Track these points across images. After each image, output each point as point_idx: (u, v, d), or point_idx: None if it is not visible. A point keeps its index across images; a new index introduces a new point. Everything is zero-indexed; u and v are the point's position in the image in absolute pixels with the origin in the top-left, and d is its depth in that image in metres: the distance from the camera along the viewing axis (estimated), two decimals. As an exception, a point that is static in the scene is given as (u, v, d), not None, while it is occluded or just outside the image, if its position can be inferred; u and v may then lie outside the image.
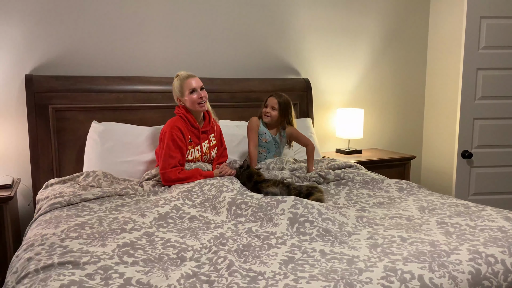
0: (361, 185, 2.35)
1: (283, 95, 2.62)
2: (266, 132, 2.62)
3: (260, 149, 2.63)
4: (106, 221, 1.76)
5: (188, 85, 2.33)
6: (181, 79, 2.36)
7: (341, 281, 1.27)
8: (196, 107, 2.35)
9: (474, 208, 1.94)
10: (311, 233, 1.65)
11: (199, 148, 2.40)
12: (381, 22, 3.62)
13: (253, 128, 2.58)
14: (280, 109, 2.58)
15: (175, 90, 2.39)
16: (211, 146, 2.48)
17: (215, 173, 2.30)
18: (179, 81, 2.36)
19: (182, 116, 2.35)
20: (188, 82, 2.34)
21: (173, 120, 2.34)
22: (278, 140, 2.64)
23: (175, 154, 2.24)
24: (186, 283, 1.30)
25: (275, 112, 2.58)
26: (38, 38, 2.61)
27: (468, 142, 2.87)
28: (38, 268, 1.35)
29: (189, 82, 2.34)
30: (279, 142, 2.66)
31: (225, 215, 1.88)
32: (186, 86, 2.34)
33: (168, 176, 2.21)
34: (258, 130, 2.59)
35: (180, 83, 2.36)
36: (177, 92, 2.38)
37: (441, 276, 1.32)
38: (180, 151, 2.26)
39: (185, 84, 2.34)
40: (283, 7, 3.25)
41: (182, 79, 2.36)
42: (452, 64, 3.56)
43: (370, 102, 3.68)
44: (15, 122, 2.60)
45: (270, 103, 2.59)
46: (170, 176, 2.21)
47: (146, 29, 2.87)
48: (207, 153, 2.45)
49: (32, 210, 2.57)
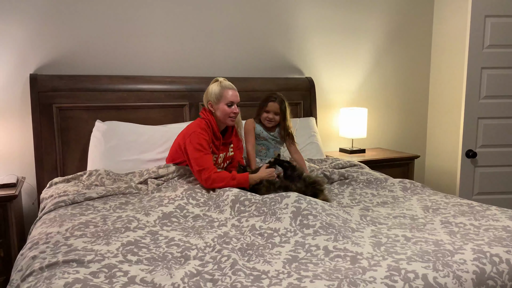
0: (364, 185, 2.35)
1: (280, 96, 2.58)
2: (263, 131, 2.62)
3: (260, 147, 2.63)
4: (110, 220, 1.77)
5: (228, 96, 2.24)
6: (222, 87, 2.26)
7: (344, 280, 1.27)
8: (227, 121, 2.28)
9: (478, 208, 1.93)
10: (314, 225, 1.64)
11: (216, 158, 2.32)
12: (385, 21, 3.61)
13: (250, 130, 2.58)
14: (282, 113, 2.57)
15: (211, 95, 2.27)
16: (227, 156, 2.40)
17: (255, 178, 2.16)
18: (220, 88, 2.26)
19: (208, 123, 2.25)
20: (228, 93, 2.25)
21: (199, 124, 2.25)
22: (276, 137, 2.64)
23: (209, 154, 2.17)
24: (190, 281, 1.30)
25: (278, 117, 2.57)
26: (42, 37, 2.62)
27: (472, 142, 2.86)
28: (43, 266, 1.36)
29: (230, 94, 2.25)
30: (278, 139, 2.65)
31: (229, 212, 1.88)
32: (226, 97, 2.24)
33: (213, 178, 2.09)
34: (254, 132, 2.59)
35: (220, 91, 2.25)
36: (213, 98, 2.26)
37: (445, 276, 1.32)
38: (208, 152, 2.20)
39: (226, 93, 2.24)
40: (286, 6, 3.25)
41: (223, 87, 2.26)
42: (456, 63, 3.54)
43: (374, 102, 3.67)
44: (19, 121, 2.61)
45: (272, 109, 2.55)
46: (215, 178, 2.10)
47: (149, 29, 2.87)
48: (221, 163, 2.37)
49: (37, 209, 2.58)
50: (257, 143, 2.63)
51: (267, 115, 2.57)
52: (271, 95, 2.61)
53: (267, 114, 2.57)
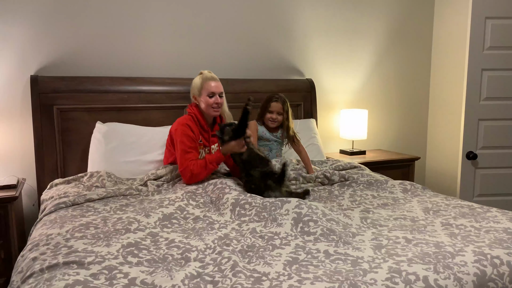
0: (365, 186, 2.34)
1: (282, 97, 2.61)
2: (266, 133, 2.62)
3: (263, 149, 2.64)
4: (110, 221, 1.77)
5: (209, 87, 2.28)
6: (203, 79, 2.30)
7: (345, 282, 1.27)
8: (210, 111, 2.31)
9: (479, 210, 1.93)
10: (315, 233, 1.64)
11: (209, 150, 2.36)
12: (385, 22, 3.61)
13: (252, 132, 2.58)
14: (285, 113, 2.59)
15: (194, 88, 2.33)
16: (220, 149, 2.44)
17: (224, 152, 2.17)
18: (201, 80, 2.31)
19: (193, 117, 2.30)
20: (209, 84, 2.28)
21: (184, 118, 2.30)
22: (279, 138, 2.65)
23: (191, 149, 2.19)
24: (190, 283, 1.30)
25: (281, 117, 2.59)
26: (43, 39, 2.62)
27: (472, 143, 2.86)
28: (43, 267, 1.36)
29: (210, 85, 2.28)
30: (280, 140, 2.66)
31: (229, 215, 1.88)
32: (207, 88, 2.28)
33: (191, 170, 2.12)
34: (257, 133, 2.60)
35: (201, 82, 2.30)
36: (196, 91, 2.31)
37: (446, 278, 1.32)
38: (195, 146, 2.22)
39: (206, 85, 2.28)
40: (286, 8, 3.25)
41: (204, 79, 2.30)
42: (457, 64, 3.54)
43: (374, 103, 3.67)
44: (20, 123, 2.61)
45: (275, 109, 2.58)
46: (193, 169, 2.13)
47: (150, 30, 2.88)
48: None
49: (37, 210, 2.58)
50: (260, 145, 2.63)
51: (270, 115, 2.59)
52: (273, 95, 2.63)
53: (270, 114, 2.59)
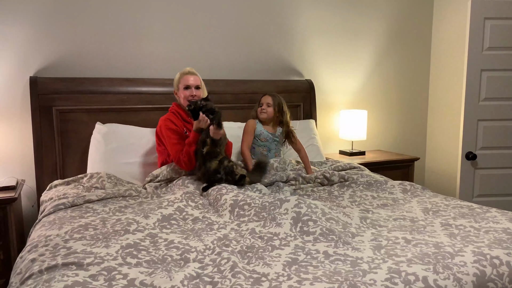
0: (364, 187, 2.34)
1: (273, 92, 2.73)
2: (263, 132, 2.63)
3: (261, 149, 2.65)
4: (109, 222, 1.77)
5: (185, 80, 2.40)
6: (181, 74, 2.44)
7: (344, 283, 1.27)
8: (186, 103, 2.37)
9: (478, 210, 1.93)
10: (314, 232, 1.64)
11: None
12: (385, 23, 3.61)
13: (249, 130, 2.62)
14: (275, 104, 2.64)
15: (174, 84, 2.47)
16: None
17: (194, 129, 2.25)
18: (179, 75, 2.44)
19: (174, 112, 2.42)
20: (185, 78, 2.40)
21: (165, 115, 2.41)
22: (277, 138, 2.66)
23: (178, 140, 2.29)
24: (189, 284, 1.29)
25: (270, 108, 2.64)
26: (42, 40, 2.62)
27: (472, 144, 2.86)
28: (42, 269, 1.36)
29: (186, 78, 2.40)
30: (278, 140, 2.67)
31: (228, 216, 1.88)
32: (183, 81, 2.40)
33: (182, 160, 2.24)
34: (255, 132, 2.62)
35: (179, 77, 2.44)
36: (175, 86, 2.46)
37: (446, 278, 1.32)
38: (181, 138, 2.31)
39: (183, 79, 2.41)
40: (286, 8, 3.25)
41: (182, 73, 2.44)
42: (456, 65, 3.55)
43: (374, 104, 3.67)
44: (19, 124, 2.61)
45: (264, 101, 2.67)
46: (183, 159, 2.23)
47: (150, 31, 2.88)
48: None
49: (36, 211, 2.58)
50: (258, 145, 2.64)
51: (260, 108, 2.67)
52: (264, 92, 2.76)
53: (260, 107, 2.67)
